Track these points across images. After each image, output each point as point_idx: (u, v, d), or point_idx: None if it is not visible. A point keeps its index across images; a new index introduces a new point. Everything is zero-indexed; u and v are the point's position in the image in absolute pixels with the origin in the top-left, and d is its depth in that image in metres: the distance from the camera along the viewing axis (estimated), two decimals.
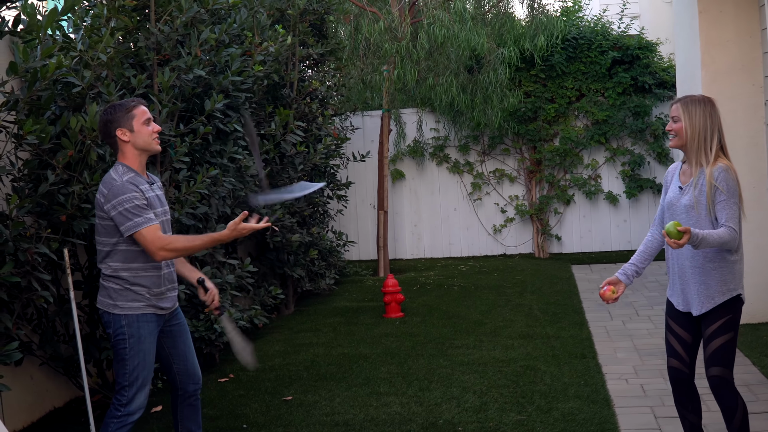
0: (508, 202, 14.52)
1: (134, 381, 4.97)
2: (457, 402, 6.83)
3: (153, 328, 5.04)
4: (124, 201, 4.81)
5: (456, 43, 12.29)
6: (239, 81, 7.87)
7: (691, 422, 5.13)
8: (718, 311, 4.84)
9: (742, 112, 8.75)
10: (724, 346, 4.80)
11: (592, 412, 6.43)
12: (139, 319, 4.97)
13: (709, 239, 4.65)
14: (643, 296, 10.63)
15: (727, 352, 4.80)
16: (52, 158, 5.95)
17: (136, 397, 4.99)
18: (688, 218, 4.86)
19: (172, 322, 5.25)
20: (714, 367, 4.81)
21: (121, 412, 4.95)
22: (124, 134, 4.95)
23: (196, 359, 5.42)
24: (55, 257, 5.94)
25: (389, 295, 10.10)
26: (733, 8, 8.86)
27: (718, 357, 4.80)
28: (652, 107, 13.95)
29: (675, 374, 5.11)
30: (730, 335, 4.82)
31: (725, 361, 4.80)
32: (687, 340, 5.06)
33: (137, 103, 5.01)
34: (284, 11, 10.09)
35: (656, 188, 14.03)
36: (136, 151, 5.00)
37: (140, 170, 5.04)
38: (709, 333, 4.85)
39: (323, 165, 11.27)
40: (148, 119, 5.01)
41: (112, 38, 6.34)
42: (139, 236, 4.82)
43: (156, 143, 5.06)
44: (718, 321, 4.82)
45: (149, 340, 5.02)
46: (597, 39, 13.98)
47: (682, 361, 5.07)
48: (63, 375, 6.97)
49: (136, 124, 4.96)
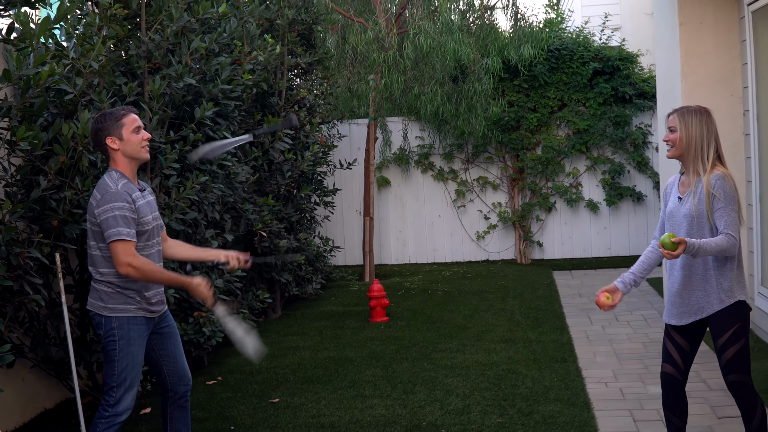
0: (491, 209, 14.53)
1: (122, 382, 4.97)
2: (440, 404, 6.83)
3: (142, 331, 5.04)
4: (115, 208, 4.80)
5: (441, 54, 12.31)
6: (229, 89, 7.87)
7: (676, 426, 5.14)
8: (725, 320, 4.83)
9: (721, 122, 8.64)
10: (739, 353, 4.80)
11: (572, 414, 6.44)
12: (129, 321, 4.96)
13: (706, 247, 4.67)
14: (623, 301, 10.64)
15: (742, 358, 4.80)
16: (44, 164, 5.94)
17: (124, 398, 4.98)
18: (689, 227, 4.87)
19: (161, 325, 5.24)
20: (731, 374, 4.82)
21: (109, 413, 4.95)
22: (113, 142, 4.94)
23: (186, 361, 5.41)
24: (47, 261, 5.93)
25: (374, 300, 10.11)
26: (712, 20, 8.90)
27: (734, 364, 4.81)
28: (632, 117, 14.00)
29: (668, 380, 5.11)
30: (742, 342, 4.81)
31: (741, 367, 4.80)
32: (685, 348, 5.07)
33: (127, 112, 5.00)
34: (273, 21, 10.09)
35: (636, 196, 14.07)
36: (126, 158, 4.99)
37: (131, 177, 5.03)
38: (722, 343, 4.84)
39: (310, 172, 11.27)
40: (138, 127, 5.00)
41: (103, 46, 6.33)
42: (113, 245, 4.80)
43: (145, 151, 5.04)
44: (728, 330, 4.82)
45: (138, 343, 5.01)
46: (579, 50, 14.03)
47: (677, 368, 5.08)
48: (54, 377, 6.96)
49: (126, 133, 4.94)
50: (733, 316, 4.83)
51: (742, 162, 8.78)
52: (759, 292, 8.42)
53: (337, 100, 13.08)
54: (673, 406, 5.12)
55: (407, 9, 12.98)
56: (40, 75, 5.56)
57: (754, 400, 4.81)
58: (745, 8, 8.44)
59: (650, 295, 11.00)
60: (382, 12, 12.65)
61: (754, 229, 8.51)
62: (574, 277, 12.81)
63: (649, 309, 10.14)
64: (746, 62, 8.58)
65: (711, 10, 8.88)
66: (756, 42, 8.36)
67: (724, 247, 4.71)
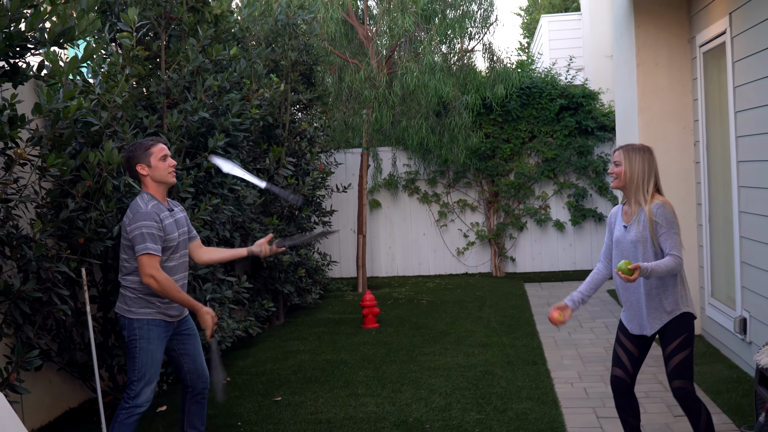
0: (470, 228, 14.46)
1: (142, 377, 5.00)
2: (425, 402, 6.75)
3: (161, 333, 5.07)
4: (144, 226, 4.88)
5: (425, 91, 12.30)
6: (238, 122, 7.83)
7: (631, 425, 5.08)
8: (673, 331, 4.81)
9: (674, 152, 8.75)
10: (683, 361, 4.77)
11: (542, 412, 6.37)
12: (149, 323, 5.01)
13: (657, 269, 4.66)
14: (586, 310, 10.58)
15: (686, 366, 4.77)
16: (72, 188, 5.88)
17: (143, 392, 5.01)
18: (636, 252, 4.85)
19: (181, 328, 5.26)
20: (676, 380, 4.77)
21: (129, 404, 4.99)
22: (143, 169, 5.04)
23: (204, 361, 5.41)
24: (74, 275, 5.92)
25: (367, 309, 10.03)
26: (667, 61, 8.88)
27: (678, 371, 4.77)
28: (594, 147, 13.98)
29: (617, 383, 5.06)
30: (687, 351, 4.78)
31: (685, 374, 4.77)
32: (634, 354, 5.02)
33: (155, 142, 5.10)
34: (278, 62, 10.04)
35: (597, 217, 14.02)
36: (155, 183, 5.07)
37: (161, 198, 5.12)
38: (669, 351, 4.81)
39: (311, 195, 11.22)
40: (165, 155, 5.10)
41: (126, 84, 6.29)
42: (141, 258, 4.87)
43: (171, 176, 5.12)
44: (675, 340, 4.79)
45: (157, 343, 5.04)
46: (547, 88, 14.02)
47: (626, 371, 5.03)
48: (78, 379, 6.90)
49: (154, 160, 5.04)
50: (680, 326, 4.81)
51: (693, 187, 8.74)
52: (709, 303, 8.36)
53: (334, 132, 13.04)
54: (625, 407, 5.07)
55: (396, 52, 12.96)
56: (69, 108, 5.50)
57: (698, 404, 4.78)
58: (698, 49, 8.42)
59: (611, 305, 10.93)
60: (374, 54, 12.64)
61: (704, 246, 8.46)
62: (544, 288, 12.74)
63: (609, 317, 10.08)
64: (697, 98, 8.55)
65: (665, 51, 8.87)
66: (706, 80, 8.34)
67: (672, 267, 4.70)
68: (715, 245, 8.27)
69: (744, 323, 7.17)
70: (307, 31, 10.55)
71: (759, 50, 6.62)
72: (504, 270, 14.31)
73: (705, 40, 8.13)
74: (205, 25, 7.45)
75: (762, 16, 6.50)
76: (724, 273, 8.04)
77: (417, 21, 12.57)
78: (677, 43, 8.84)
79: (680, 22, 8.81)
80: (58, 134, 5.66)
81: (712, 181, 8.30)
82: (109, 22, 7.25)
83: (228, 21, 8.01)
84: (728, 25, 7.35)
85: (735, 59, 7.26)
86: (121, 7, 7.19)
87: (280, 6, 10.07)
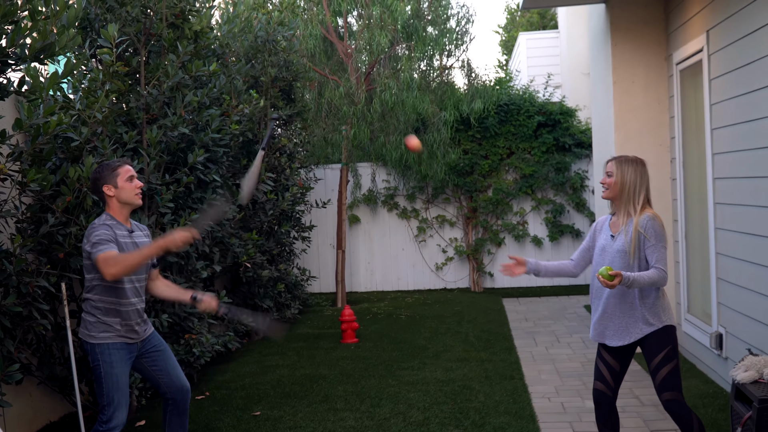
0: (449, 244, 14.51)
1: (111, 401, 4.99)
2: (403, 417, 6.77)
3: (123, 355, 5.04)
4: (93, 236, 4.84)
5: (404, 108, 12.36)
6: (218, 137, 7.84)
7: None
8: (657, 343, 4.83)
9: (650, 169, 8.60)
10: (671, 373, 4.78)
11: (520, 426, 6.40)
12: (110, 347, 4.99)
13: (639, 280, 4.69)
14: (564, 326, 10.64)
15: (674, 378, 4.78)
16: (52, 203, 5.89)
17: (115, 415, 5.00)
18: (621, 261, 4.88)
19: (147, 347, 5.23)
20: (666, 392, 4.78)
21: (103, 428, 4.99)
22: (109, 190, 5.01)
23: (182, 372, 5.39)
24: (54, 290, 5.91)
25: (346, 323, 10.04)
26: (643, 79, 8.97)
27: (667, 383, 4.78)
28: (571, 164, 14.09)
29: (599, 396, 5.07)
30: (673, 363, 4.79)
31: (674, 386, 4.77)
32: (615, 368, 5.04)
33: (122, 163, 5.09)
34: (258, 78, 10.07)
35: (575, 233, 14.12)
36: (120, 204, 5.05)
37: (123, 220, 5.08)
38: (655, 364, 4.82)
39: (290, 210, 11.22)
40: (131, 176, 5.07)
41: (106, 99, 6.31)
42: (98, 258, 4.76)
43: (137, 198, 5.10)
44: (660, 353, 4.80)
45: (120, 366, 5.02)
46: (525, 105, 14.12)
47: (607, 385, 5.05)
48: (58, 393, 6.87)
49: (120, 181, 5.02)
50: (663, 339, 4.83)
51: (669, 203, 8.82)
52: (685, 319, 8.43)
53: (314, 148, 13.07)
54: (605, 419, 5.08)
55: (375, 68, 13.03)
56: (49, 124, 5.52)
57: (689, 414, 4.78)
58: (674, 67, 8.51)
59: (587, 320, 10.99)
60: (353, 71, 12.69)
61: (680, 262, 8.53)
62: (521, 303, 12.79)
63: (586, 333, 10.13)
64: (674, 115, 8.64)
65: (642, 70, 8.96)
66: (683, 97, 8.43)
67: (655, 280, 4.73)
68: (692, 261, 8.35)
69: (720, 339, 7.24)
70: (286, 48, 10.60)
71: (736, 68, 6.71)
72: (482, 285, 14.36)
73: (682, 57, 8.23)
74: (184, 42, 7.48)
75: (739, 33, 6.59)
76: (700, 289, 8.11)
77: (396, 38, 12.65)
78: (654, 60, 8.94)
79: (657, 39, 8.91)
80: (39, 149, 5.67)
81: (688, 198, 8.38)
82: (90, 38, 7.26)
83: (208, 37, 8.04)
84: (705, 42, 7.44)
85: (712, 77, 7.35)
86: (101, 23, 7.21)
87: (260, 23, 10.11)
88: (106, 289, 4.97)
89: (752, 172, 6.44)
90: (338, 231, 13.14)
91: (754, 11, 6.25)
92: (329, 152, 13.65)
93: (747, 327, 6.66)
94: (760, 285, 6.34)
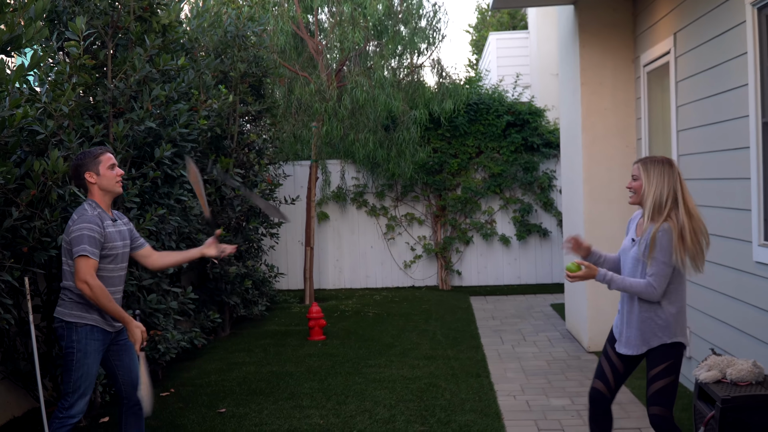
0: (417, 242, 14.52)
1: (77, 389, 4.98)
2: (369, 414, 6.77)
3: (99, 346, 5.04)
4: (86, 228, 4.87)
5: (375, 105, 12.35)
6: (186, 132, 7.80)
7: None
8: (661, 355, 4.67)
9: (617, 170, 8.88)
10: (665, 388, 4.62)
11: (485, 424, 6.42)
12: (87, 335, 4.98)
13: (619, 283, 4.63)
14: (530, 324, 10.68)
15: (667, 394, 4.62)
16: (16, 197, 5.81)
17: (77, 404, 4.99)
18: (634, 269, 4.73)
19: (117, 339, 5.22)
20: (654, 406, 4.63)
21: (63, 414, 4.98)
22: (91, 177, 5.06)
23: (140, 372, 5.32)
24: (17, 284, 5.83)
25: (313, 321, 10.03)
26: (611, 81, 9.02)
27: (657, 397, 4.62)
28: (539, 164, 14.15)
29: (597, 395, 4.92)
30: (670, 378, 4.64)
31: (665, 401, 4.61)
32: (619, 370, 4.88)
33: (104, 151, 5.13)
34: (227, 73, 10.02)
35: (542, 232, 14.19)
36: (101, 191, 5.09)
37: (106, 208, 5.13)
38: (652, 375, 4.67)
39: (258, 207, 11.17)
40: (113, 165, 5.13)
41: (73, 92, 6.24)
42: (78, 260, 4.85)
43: (119, 185, 5.16)
44: (660, 365, 4.65)
45: (94, 356, 5.02)
46: (494, 104, 14.16)
47: (607, 385, 4.89)
48: (22, 388, 6.80)
49: (102, 169, 5.07)
50: (668, 353, 4.66)
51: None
52: None
53: (283, 144, 13.02)
54: (599, 420, 4.93)
55: (346, 65, 13.01)
56: (15, 117, 5.45)
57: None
58: (642, 69, 8.57)
59: (554, 318, 11.05)
60: (323, 67, 12.67)
61: None
62: (489, 302, 12.83)
63: (552, 331, 10.18)
64: (640, 117, 8.69)
65: (610, 72, 9.01)
66: (650, 99, 8.48)
67: (639, 291, 4.61)
68: None
69: None
70: (256, 43, 10.56)
71: (702, 70, 6.77)
72: (450, 283, 14.39)
73: (649, 59, 8.28)
74: (152, 35, 7.42)
75: (706, 36, 6.64)
76: None
77: (368, 36, 12.63)
78: (622, 62, 8.99)
79: (625, 42, 8.96)
80: (3, 142, 5.59)
81: None
82: (57, 30, 7.19)
83: (176, 31, 7.98)
84: (673, 45, 7.49)
85: (678, 79, 7.41)
86: (68, 16, 7.14)
87: (230, 17, 10.06)
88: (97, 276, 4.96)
89: (717, 173, 6.49)
90: (307, 228, 13.11)
91: (721, 15, 6.30)
92: (299, 149, 13.62)
93: (711, 327, 6.72)
94: (724, 285, 6.39)
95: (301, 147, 13.50)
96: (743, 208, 5.98)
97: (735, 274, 6.19)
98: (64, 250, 5.02)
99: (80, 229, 4.87)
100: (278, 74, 12.22)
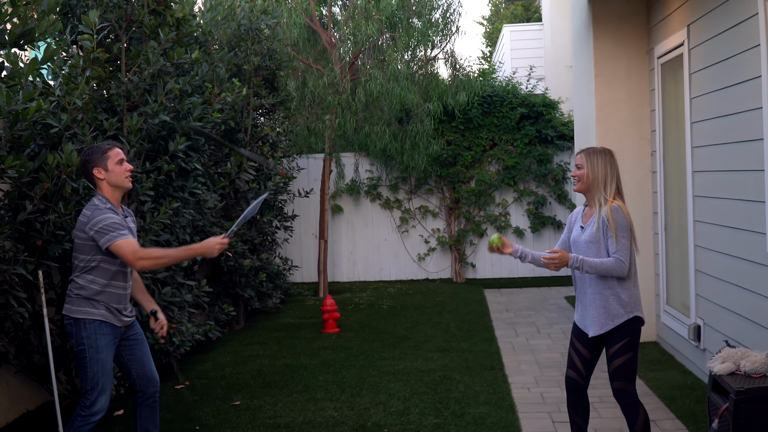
0: (431, 234, 14.50)
1: (95, 386, 4.94)
2: (383, 407, 6.75)
3: (109, 340, 5.00)
4: (102, 220, 4.82)
5: (389, 98, 12.34)
6: (200, 126, 7.78)
7: (578, 425, 5.20)
8: (618, 333, 4.90)
9: (630, 161, 8.81)
10: (625, 363, 4.86)
11: (499, 416, 6.40)
12: (96, 331, 4.93)
13: (591, 263, 4.82)
14: (544, 317, 10.65)
15: (627, 369, 4.86)
16: (30, 190, 5.82)
17: (98, 400, 4.95)
18: (589, 251, 4.93)
19: (128, 334, 5.19)
20: (616, 381, 4.87)
21: (85, 413, 4.93)
22: (99, 172, 4.98)
23: (154, 365, 5.34)
24: (31, 277, 5.85)
25: (327, 313, 10.01)
26: (625, 72, 8.96)
27: (619, 373, 4.87)
28: (553, 156, 14.09)
29: (571, 384, 5.16)
30: (629, 354, 4.87)
31: (626, 376, 4.86)
32: (587, 357, 5.12)
33: (112, 146, 5.04)
34: (241, 66, 10.01)
35: (556, 224, 14.13)
36: (111, 187, 5.01)
37: (116, 203, 5.05)
38: (612, 352, 4.90)
39: (272, 200, 11.18)
40: (121, 159, 5.04)
41: (87, 86, 6.25)
42: (115, 248, 4.80)
43: (128, 181, 5.07)
44: (619, 342, 4.88)
45: (106, 351, 4.98)
46: (508, 97, 14.11)
47: (579, 373, 5.13)
48: (36, 382, 6.80)
49: (110, 164, 4.98)
50: (625, 330, 4.89)
51: (649, 196, 8.83)
52: (664, 310, 8.44)
53: (297, 137, 13.02)
54: (576, 407, 5.18)
55: (359, 58, 12.98)
56: (28, 110, 5.45)
57: (636, 407, 4.86)
58: (656, 60, 8.51)
59: (568, 311, 11.01)
60: (337, 60, 12.64)
61: (660, 254, 8.54)
62: (503, 294, 12.79)
63: (566, 323, 10.14)
64: (654, 108, 8.64)
65: (624, 63, 8.95)
66: (664, 91, 8.43)
67: (610, 268, 4.81)
68: (671, 253, 8.36)
69: (698, 330, 7.25)
70: (270, 36, 10.53)
71: (715, 62, 6.71)
72: (464, 276, 14.36)
73: (663, 51, 8.22)
74: (166, 28, 7.41)
75: (719, 28, 6.59)
76: (678, 281, 8.13)
77: (381, 28, 12.60)
78: (635, 54, 8.93)
79: (639, 33, 8.90)
80: (17, 136, 5.60)
81: (668, 191, 8.39)
82: (70, 24, 7.19)
83: (190, 25, 7.97)
84: (686, 37, 7.44)
85: (692, 71, 7.35)
86: (82, 9, 7.13)
87: (243, 11, 10.04)
88: (106, 271, 4.94)
89: (730, 165, 6.44)
90: (321, 221, 13.10)
91: (733, 7, 6.24)
92: (312, 142, 13.62)
93: (725, 319, 6.67)
94: (738, 277, 6.35)
95: (315, 140, 13.50)
96: (756, 200, 5.93)
97: (748, 266, 6.14)
98: (76, 246, 4.96)
99: (102, 221, 4.81)
100: (292, 67, 12.20)
